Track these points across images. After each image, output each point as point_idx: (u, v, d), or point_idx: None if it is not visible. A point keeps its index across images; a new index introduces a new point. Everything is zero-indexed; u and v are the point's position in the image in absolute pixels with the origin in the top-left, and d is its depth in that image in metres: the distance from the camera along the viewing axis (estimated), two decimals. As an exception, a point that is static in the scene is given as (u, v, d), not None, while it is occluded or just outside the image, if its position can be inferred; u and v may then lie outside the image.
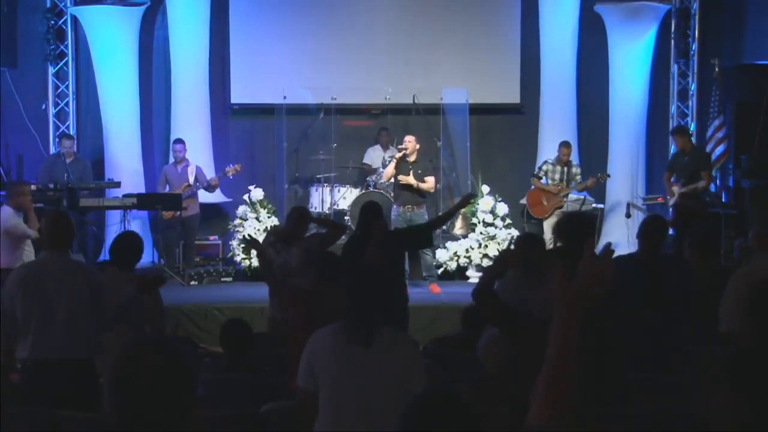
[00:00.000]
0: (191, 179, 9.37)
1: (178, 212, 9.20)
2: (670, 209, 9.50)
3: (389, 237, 5.81)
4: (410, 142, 8.58)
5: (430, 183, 8.56)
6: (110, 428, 1.70)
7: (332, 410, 3.12)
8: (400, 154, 8.55)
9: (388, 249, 5.40)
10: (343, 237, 9.44)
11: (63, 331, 4.21)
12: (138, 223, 9.89)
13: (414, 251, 8.26)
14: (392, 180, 8.91)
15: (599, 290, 1.82)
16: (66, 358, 4.20)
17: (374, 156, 10.31)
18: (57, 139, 10.28)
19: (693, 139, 9.76)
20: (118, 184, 9.56)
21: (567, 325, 1.79)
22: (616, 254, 5.08)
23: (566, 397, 1.77)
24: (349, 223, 9.68)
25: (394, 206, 8.63)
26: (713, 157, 9.58)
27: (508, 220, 9.60)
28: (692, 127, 10.42)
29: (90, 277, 4.39)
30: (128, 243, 5.13)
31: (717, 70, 9.91)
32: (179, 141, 9.51)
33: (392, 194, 9.02)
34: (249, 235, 6.36)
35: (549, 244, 9.19)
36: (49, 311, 4.21)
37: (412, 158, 8.53)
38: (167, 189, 9.42)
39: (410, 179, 8.43)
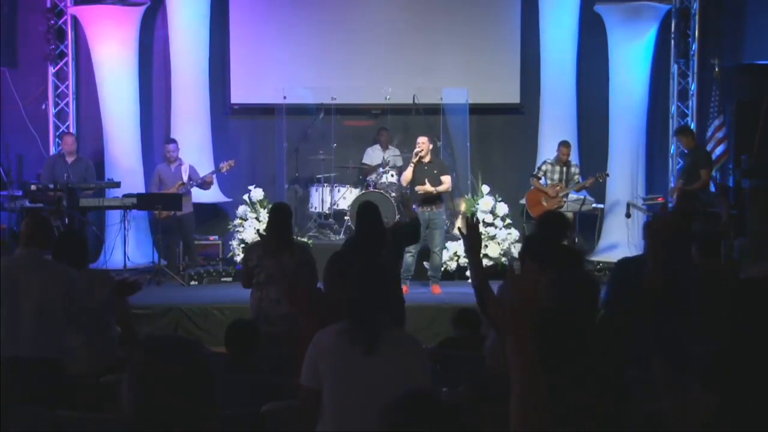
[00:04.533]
0: (185, 178, 9.37)
1: (172, 212, 9.19)
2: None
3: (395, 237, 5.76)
4: (423, 143, 8.60)
5: (446, 183, 8.62)
6: (129, 428, 1.69)
7: (334, 411, 3.11)
8: (417, 158, 8.58)
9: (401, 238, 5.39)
10: (344, 237, 9.50)
11: (28, 330, 4.21)
12: (138, 223, 9.90)
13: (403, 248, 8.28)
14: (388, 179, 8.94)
15: (530, 310, 1.80)
16: (34, 356, 4.20)
17: (374, 156, 10.31)
18: (58, 140, 10.29)
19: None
20: (118, 184, 9.56)
21: (520, 343, 1.80)
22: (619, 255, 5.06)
23: (538, 411, 1.78)
24: (348, 224, 9.71)
25: (414, 207, 8.70)
26: (713, 156, 9.59)
27: (508, 220, 9.59)
28: (692, 127, 10.42)
29: (62, 277, 4.38)
30: (67, 242, 4.99)
31: (717, 70, 9.91)
32: (172, 141, 9.52)
33: (409, 194, 9.08)
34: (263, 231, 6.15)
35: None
36: (17, 309, 4.22)
37: (426, 159, 8.57)
38: (160, 188, 9.42)
39: (427, 188, 8.48)
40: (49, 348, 4.24)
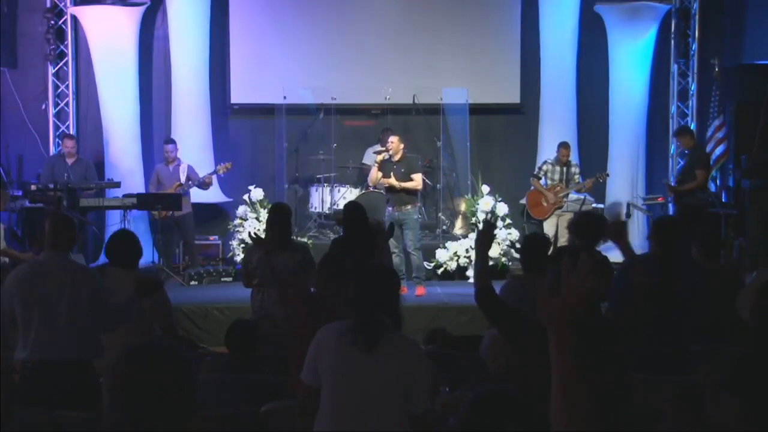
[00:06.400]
0: (183, 178, 9.37)
1: (170, 212, 9.18)
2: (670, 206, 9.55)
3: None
4: (392, 142, 8.48)
5: (416, 181, 8.39)
6: (109, 429, 1.70)
7: (332, 409, 3.12)
8: (381, 157, 8.51)
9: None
10: (330, 236, 9.49)
11: (62, 332, 4.20)
12: (138, 223, 9.90)
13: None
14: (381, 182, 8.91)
15: (582, 303, 1.81)
16: (65, 358, 4.19)
17: (374, 156, 10.30)
18: (58, 140, 10.29)
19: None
20: (118, 184, 9.56)
21: (562, 340, 1.79)
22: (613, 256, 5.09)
23: (581, 407, 1.78)
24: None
25: (388, 207, 8.58)
26: (713, 156, 9.59)
27: (508, 220, 9.59)
28: (692, 127, 10.43)
29: (90, 278, 4.38)
30: (123, 241, 5.05)
31: (717, 70, 9.91)
32: (170, 141, 9.51)
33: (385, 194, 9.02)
34: (255, 234, 6.16)
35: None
36: (49, 312, 4.20)
37: (396, 158, 8.47)
38: (159, 189, 9.42)
39: (392, 181, 8.35)
40: (78, 350, 4.24)
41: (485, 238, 3.84)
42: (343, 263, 4.45)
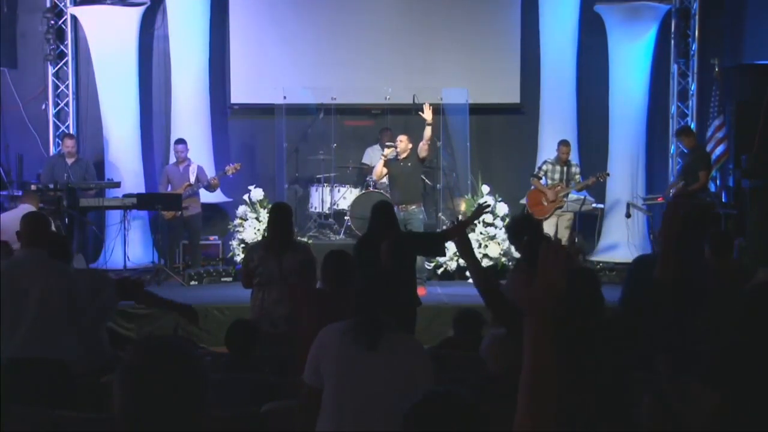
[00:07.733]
0: (192, 179, 9.37)
1: (179, 212, 9.19)
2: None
3: (402, 238, 5.73)
4: (402, 141, 8.53)
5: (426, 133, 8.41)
6: (119, 428, 1.69)
7: (334, 409, 3.11)
8: (388, 151, 8.53)
9: (401, 249, 5.31)
10: (344, 237, 9.51)
11: (31, 330, 4.16)
12: (138, 223, 9.90)
13: (425, 257, 8.19)
14: (385, 180, 8.89)
15: (552, 297, 1.80)
16: (37, 357, 4.15)
17: (373, 156, 10.30)
18: (58, 140, 10.29)
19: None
20: (118, 184, 9.56)
21: (535, 334, 1.79)
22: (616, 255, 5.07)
23: (548, 407, 1.76)
24: (348, 224, 9.71)
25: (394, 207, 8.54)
26: (713, 156, 9.59)
27: (508, 220, 9.59)
28: (692, 127, 10.43)
29: (64, 276, 4.35)
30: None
31: (717, 70, 9.91)
32: (181, 141, 9.50)
33: (389, 194, 9.00)
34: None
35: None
36: (21, 309, 4.17)
37: (403, 155, 8.50)
38: (169, 189, 9.42)
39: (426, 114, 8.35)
40: (53, 348, 4.21)
41: (460, 245, 3.88)
42: (347, 261, 4.45)
